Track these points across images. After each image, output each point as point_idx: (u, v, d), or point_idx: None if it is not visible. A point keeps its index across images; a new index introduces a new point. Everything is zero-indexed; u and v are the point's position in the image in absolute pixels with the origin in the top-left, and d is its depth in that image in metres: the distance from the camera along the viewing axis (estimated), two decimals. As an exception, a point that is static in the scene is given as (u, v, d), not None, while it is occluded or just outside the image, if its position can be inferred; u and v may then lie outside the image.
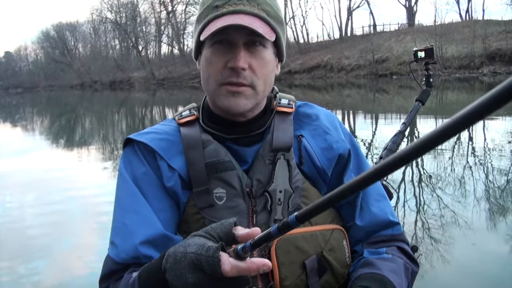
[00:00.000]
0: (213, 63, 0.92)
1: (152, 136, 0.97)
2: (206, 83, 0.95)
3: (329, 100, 18.54)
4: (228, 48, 0.90)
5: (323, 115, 1.04)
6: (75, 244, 3.72)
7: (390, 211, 1.03)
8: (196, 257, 0.65)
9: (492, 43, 28.47)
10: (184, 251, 0.68)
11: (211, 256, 0.63)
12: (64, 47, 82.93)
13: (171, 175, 0.93)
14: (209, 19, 0.90)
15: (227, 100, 0.92)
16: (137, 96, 35.30)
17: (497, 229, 3.50)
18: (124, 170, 0.96)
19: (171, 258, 0.70)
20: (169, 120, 1.04)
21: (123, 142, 0.99)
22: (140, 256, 0.87)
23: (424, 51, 2.20)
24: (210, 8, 0.91)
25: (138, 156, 0.96)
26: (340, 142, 1.00)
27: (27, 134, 13.43)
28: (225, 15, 0.88)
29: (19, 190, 5.83)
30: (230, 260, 0.63)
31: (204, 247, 0.65)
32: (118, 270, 0.88)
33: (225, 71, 0.90)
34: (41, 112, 25.01)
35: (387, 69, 32.98)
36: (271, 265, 0.64)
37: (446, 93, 18.23)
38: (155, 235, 0.88)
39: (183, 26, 64.54)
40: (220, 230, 0.69)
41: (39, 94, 57.12)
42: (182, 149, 0.95)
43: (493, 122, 9.16)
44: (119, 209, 0.94)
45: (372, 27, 48.51)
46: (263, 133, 0.99)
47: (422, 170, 5.69)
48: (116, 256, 0.89)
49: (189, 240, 0.70)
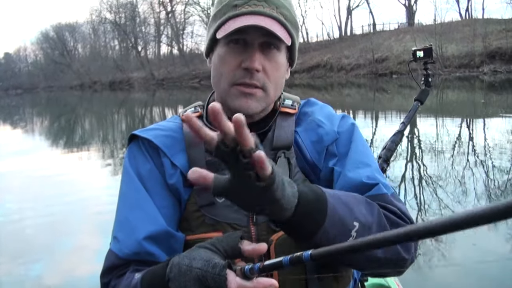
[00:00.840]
0: (226, 62, 0.91)
1: (156, 132, 0.97)
2: (218, 81, 0.94)
3: (329, 99, 18.54)
4: (243, 48, 0.90)
5: (319, 110, 1.03)
6: (75, 245, 3.72)
7: (368, 175, 0.92)
8: (202, 273, 0.65)
9: (492, 42, 28.48)
10: (189, 264, 0.67)
11: (218, 274, 0.63)
12: (64, 48, 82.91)
13: (174, 172, 0.93)
14: (227, 17, 0.89)
15: (238, 101, 0.91)
16: (137, 97, 35.34)
17: (497, 229, 3.49)
18: (129, 166, 0.96)
19: (175, 268, 0.69)
20: (174, 117, 1.04)
21: (128, 138, 0.99)
22: (142, 252, 0.86)
23: (423, 50, 2.20)
24: (229, 7, 0.90)
25: (143, 153, 0.96)
26: (331, 133, 0.97)
27: (26, 135, 13.43)
28: (244, 15, 0.88)
29: (19, 190, 5.83)
30: (237, 279, 0.63)
31: (210, 263, 0.65)
32: (120, 265, 0.88)
33: (239, 71, 0.90)
34: (40, 113, 25.06)
35: (387, 68, 32.99)
36: (277, 286, 0.63)
37: (446, 92, 18.24)
38: (158, 231, 0.88)
39: (182, 26, 64.63)
40: (226, 243, 0.69)
41: (38, 95, 57.22)
42: (184, 147, 0.95)
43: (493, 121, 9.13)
44: (123, 204, 0.93)
45: (372, 27, 48.57)
46: (266, 133, 0.98)
47: (423, 169, 5.67)
48: (118, 251, 0.88)
49: (194, 252, 0.69)
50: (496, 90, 18.09)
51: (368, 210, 0.81)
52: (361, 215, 0.79)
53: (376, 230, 0.80)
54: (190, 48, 64.51)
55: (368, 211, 0.81)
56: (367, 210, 0.81)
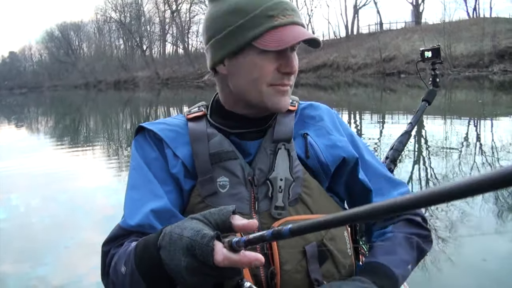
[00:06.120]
0: (264, 67, 0.95)
1: (162, 126, 1.04)
2: (249, 85, 0.98)
3: (335, 99, 18.37)
4: (278, 53, 0.95)
5: (325, 116, 1.10)
6: (81, 243, 3.72)
7: (398, 191, 1.08)
8: (191, 243, 0.67)
9: (501, 41, 28.14)
10: (180, 233, 0.70)
11: (205, 244, 0.65)
12: (69, 47, 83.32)
13: (176, 163, 0.99)
14: (266, 28, 0.93)
15: (277, 99, 0.98)
16: (142, 96, 35.47)
17: (505, 228, 3.50)
18: (136, 153, 1.03)
19: (167, 237, 0.72)
20: (180, 115, 1.11)
21: (135, 129, 1.07)
22: (146, 224, 0.91)
23: (431, 50, 2.21)
24: (264, 17, 0.94)
25: (149, 143, 1.03)
26: (344, 142, 1.05)
27: (31, 134, 13.48)
28: (286, 26, 0.94)
29: (25, 189, 5.81)
30: (224, 251, 0.65)
31: (199, 233, 0.67)
32: (122, 235, 0.93)
33: (276, 74, 0.96)
34: (45, 112, 25.22)
35: (394, 68, 32.72)
36: (263, 260, 0.65)
37: (454, 92, 18.09)
38: (163, 208, 0.93)
39: (187, 25, 64.64)
40: (217, 216, 0.71)
41: (43, 94, 57.72)
42: (188, 141, 1.01)
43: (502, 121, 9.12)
44: (131, 187, 0.99)
45: (379, 25, 48.25)
46: (267, 128, 1.04)
47: (430, 170, 5.64)
48: (123, 223, 0.94)
49: (186, 222, 0.72)
50: (505, 89, 17.97)
51: (411, 248, 1.00)
52: (410, 257, 0.99)
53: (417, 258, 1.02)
54: (195, 47, 64.59)
55: (411, 248, 1.00)
56: (411, 249, 0.99)
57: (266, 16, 0.93)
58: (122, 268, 0.84)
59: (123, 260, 0.85)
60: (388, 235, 1.03)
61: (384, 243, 1.00)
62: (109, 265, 0.91)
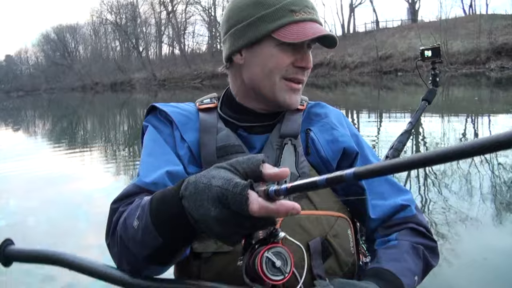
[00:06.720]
0: (280, 59, 0.98)
1: (174, 109, 1.07)
2: (264, 76, 1.00)
3: (333, 98, 18.34)
4: (294, 47, 0.98)
5: (331, 113, 1.11)
6: (80, 245, 3.67)
7: (401, 197, 1.07)
8: (222, 192, 0.62)
9: (498, 38, 28.16)
10: (208, 183, 0.64)
11: (239, 193, 0.60)
12: (65, 49, 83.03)
13: (182, 145, 1.01)
14: (287, 21, 0.96)
15: (288, 95, 1.02)
16: (139, 97, 35.34)
17: (504, 225, 3.47)
18: (152, 128, 1.05)
19: (191, 186, 0.67)
20: (191, 103, 1.13)
21: (147, 109, 1.09)
22: (160, 183, 0.91)
23: (431, 50, 2.22)
24: (286, 11, 0.97)
25: (161, 121, 1.06)
26: (346, 137, 1.06)
27: (29, 138, 13.41)
28: (304, 22, 0.97)
29: (23, 192, 5.77)
30: (259, 200, 0.60)
31: (231, 182, 0.62)
32: (135, 193, 0.91)
33: (291, 68, 1.00)
34: (42, 115, 25.09)
35: (391, 66, 32.76)
36: (300, 209, 0.61)
37: (452, 90, 18.08)
38: (178, 171, 0.95)
39: (183, 26, 64.49)
40: (246, 165, 0.65)
41: (40, 97, 57.39)
42: (197, 128, 1.03)
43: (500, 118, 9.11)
44: (146, 153, 1.01)
45: (375, 24, 48.26)
46: (275, 123, 1.06)
47: (428, 168, 5.56)
48: (138, 181, 0.93)
49: (212, 171, 0.66)
50: (503, 86, 17.96)
51: (418, 257, 0.97)
52: (417, 268, 0.96)
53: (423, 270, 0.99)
54: (192, 48, 64.54)
55: (418, 258, 0.97)
56: (418, 259, 0.97)
57: (288, 10, 0.97)
58: (135, 222, 0.78)
59: (135, 214, 0.79)
60: (393, 242, 1.00)
61: (390, 250, 0.98)
62: (117, 222, 0.87)
